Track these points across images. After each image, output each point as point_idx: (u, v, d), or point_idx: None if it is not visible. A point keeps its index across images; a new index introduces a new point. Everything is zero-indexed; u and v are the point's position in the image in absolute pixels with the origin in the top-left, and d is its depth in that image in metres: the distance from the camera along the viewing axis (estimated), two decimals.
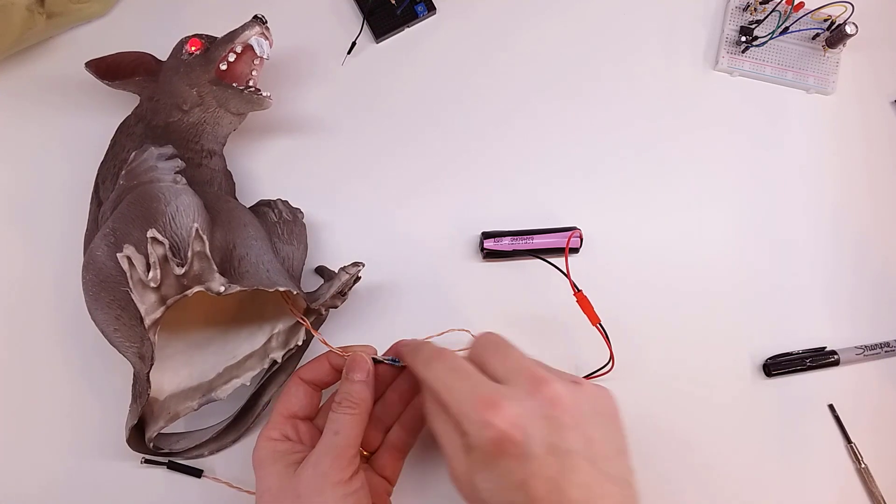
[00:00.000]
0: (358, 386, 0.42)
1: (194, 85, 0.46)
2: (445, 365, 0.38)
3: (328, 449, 0.39)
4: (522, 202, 0.54)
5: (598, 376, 0.49)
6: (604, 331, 0.48)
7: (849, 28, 0.54)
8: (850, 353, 0.52)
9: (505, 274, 0.52)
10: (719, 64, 0.56)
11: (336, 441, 0.39)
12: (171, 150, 0.44)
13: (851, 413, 0.52)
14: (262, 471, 0.40)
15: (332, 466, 0.38)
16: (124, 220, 0.40)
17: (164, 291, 0.38)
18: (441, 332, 0.46)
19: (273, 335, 0.46)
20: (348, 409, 0.40)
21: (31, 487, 0.47)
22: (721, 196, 0.55)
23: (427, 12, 0.55)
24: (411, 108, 0.54)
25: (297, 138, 0.53)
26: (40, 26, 0.49)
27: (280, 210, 0.49)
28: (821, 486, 0.51)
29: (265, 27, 0.46)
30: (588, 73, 0.56)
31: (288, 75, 0.53)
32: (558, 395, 0.35)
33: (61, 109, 0.52)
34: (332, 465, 0.38)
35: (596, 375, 0.49)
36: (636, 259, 0.53)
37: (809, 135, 0.57)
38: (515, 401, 0.35)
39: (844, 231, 0.55)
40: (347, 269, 0.45)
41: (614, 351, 0.48)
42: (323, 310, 0.46)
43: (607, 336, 0.48)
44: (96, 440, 0.47)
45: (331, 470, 0.38)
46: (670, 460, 0.50)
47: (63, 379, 0.48)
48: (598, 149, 0.55)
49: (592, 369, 0.50)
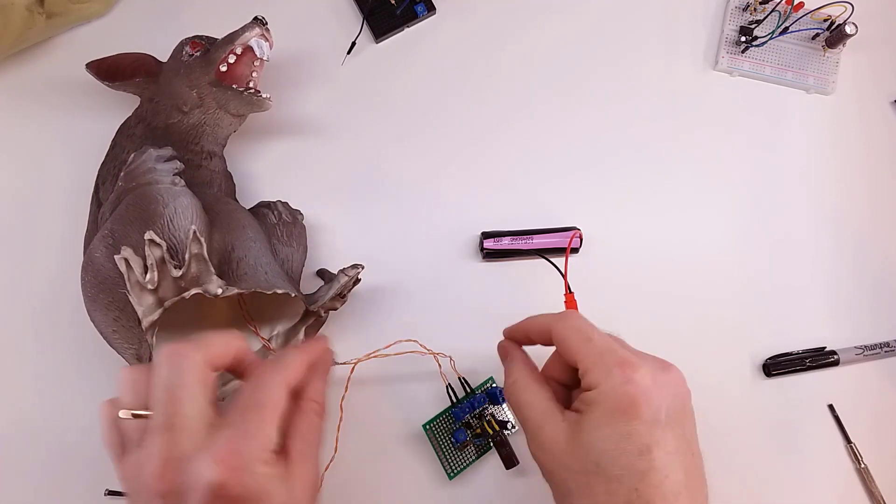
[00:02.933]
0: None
1: (194, 86, 0.46)
2: (585, 320, 0.38)
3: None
4: (522, 202, 0.54)
5: None
6: None
7: (849, 28, 0.54)
8: (849, 353, 0.52)
9: (505, 274, 0.52)
10: (719, 64, 0.56)
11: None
12: (170, 152, 0.44)
13: (851, 413, 0.52)
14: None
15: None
16: (123, 221, 0.40)
17: (162, 293, 0.39)
18: (388, 345, 0.46)
19: (272, 336, 0.46)
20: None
21: (31, 487, 0.47)
22: (721, 196, 0.55)
23: (427, 12, 0.55)
24: (411, 108, 0.55)
25: (297, 139, 0.53)
26: (40, 26, 0.49)
27: (280, 211, 0.49)
28: (821, 486, 0.51)
29: (265, 29, 0.46)
30: (588, 73, 0.56)
31: (288, 76, 0.54)
32: (679, 381, 0.36)
33: (61, 110, 0.52)
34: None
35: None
36: (636, 258, 0.53)
37: (809, 135, 0.57)
38: (651, 370, 0.35)
39: (844, 231, 0.55)
40: (347, 270, 0.45)
41: None
42: (322, 312, 0.46)
43: None
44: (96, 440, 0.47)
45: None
46: None
47: (62, 379, 0.48)
48: (598, 149, 0.55)
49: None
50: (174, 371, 0.32)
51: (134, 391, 0.33)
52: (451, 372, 0.48)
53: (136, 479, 0.31)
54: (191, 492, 0.29)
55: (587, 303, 0.48)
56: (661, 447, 0.33)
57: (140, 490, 0.31)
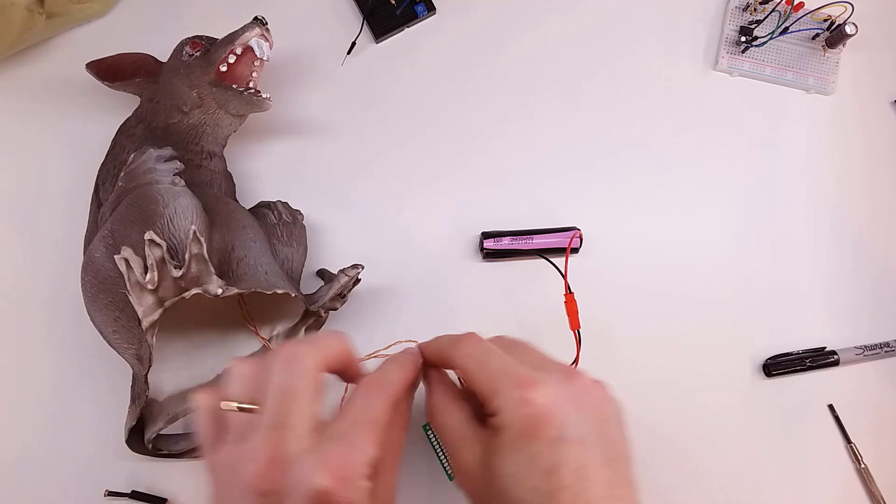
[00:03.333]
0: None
1: (194, 86, 0.46)
2: (479, 345, 0.37)
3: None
4: (522, 202, 0.54)
5: None
6: (579, 338, 0.47)
7: (849, 28, 0.54)
8: (849, 353, 0.52)
9: (505, 274, 0.52)
10: (719, 64, 0.56)
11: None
12: (170, 152, 0.44)
13: (851, 413, 0.52)
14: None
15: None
16: (123, 221, 0.40)
17: (162, 293, 0.39)
18: (388, 346, 0.46)
19: (273, 336, 0.46)
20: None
21: (31, 488, 0.47)
22: (721, 196, 0.55)
23: (427, 12, 0.55)
24: (411, 108, 0.55)
25: (298, 139, 0.53)
26: (40, 26, 0.49)
27: (280, 212, 0.49)
28: (821, 486, 0.51)
29: (265, 29, 0.46)
30: (588, 73, 0.56)
31: (288, 76, 0.54)
32: (589, 388, 0.35)
33: (61, 110, 0.52)
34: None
35: None
36: (636, 258, 0.53)
37: (809, 135, 0.57)
38: (552, 384, 0.34)
39: (844, 231, 0.55)
40: (347, 271, 0.45)
41: (613, 350, 0.48)
42: (322, 312, 0.46)
43: (580, 343, 0.47)
44: (95, 441, 0.48)
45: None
46: (670, 460, 0.50)
47: (62, 379, 0.48)
48: (598, 149, 0.55)
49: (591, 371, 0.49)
50: (290, 371, 0.33)
51: (242, 384, 0.34)
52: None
53: (231, 472, 0.31)
54: (292, 494, 0.30)
55: (587, 303, 0.48)
56: (567, 464, 0.32)
57: (234, 483, 0.31)
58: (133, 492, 0.47)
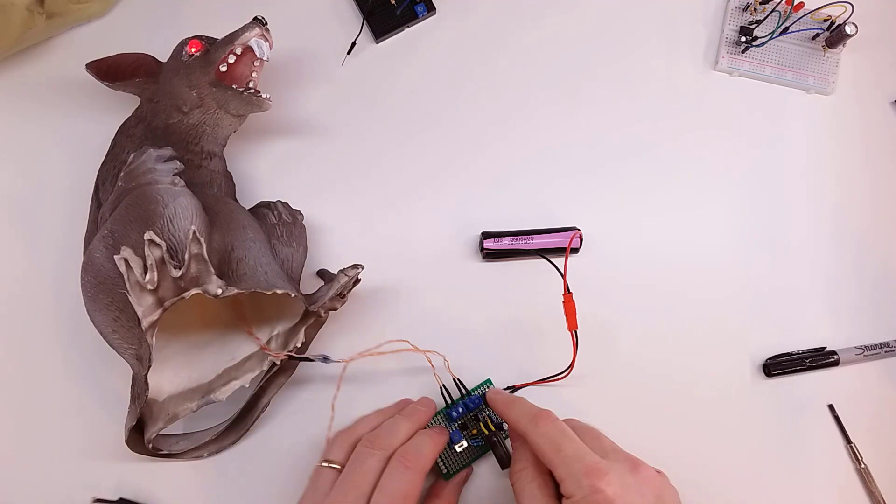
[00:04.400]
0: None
1: (194, 86, 0.46)
2: (555, 426, 0.40)
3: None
4: (522, 202, 0.54)
5: (553, 380, 0.49)
6: (576, 338, 0.47)
7: (849, 28, 0.54)
8: (850, 353, 0.52)
9: (505, 274, 0.52)
10: (719, 64, 0.56)
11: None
12: (170, 152, 0.44)
13: (851, 413, 0.52)
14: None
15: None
16: (122, 221, 0.40)
17: (162, 293, 0.39)
18: (379, 345, 0.46)
19: (272, 337, 0.46)
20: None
21: (31, 488, 0.47)
22: (721, 196, 0.55)
23: (427, 12, 0.55)
24: (411, 108, 0.54)
25: (297, 139, 0.53)
26: (40, 26, 0.49)
27: (280, 212, 0.49)
28: (821, 486, 0.51)
29: (265, 29, 0.46)
30: (588, 74, 0.56)
31: (288, 76, 0.54)
32: (652, 479, 0.39)
33: (61, 110, 0.52)
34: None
35: (552, 380, 0.49)
36: (635, 259, 0.53)
37: (809, 135, 0.57)
38: (619, 475, 0.37)
39: (844, 231, 0.55)
40: (346, 271, 0.45)
41: (613, 350, 0.49)
42: (322, 312, 0.46)
43: (577, 344, 0.47)
44: (94, 441, 0.48)
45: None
46: (670, 460, 0.50)
47: (62, 379, 0.48)
48: (598, 149, 0.55)
49: (591, 371, 0.50)
50: (395, 477, 0.40)
51: (342, 450, 0.43)
52: (446, 373, 0.48)
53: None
54: None
55: (587, 303, 0.48)
56: None
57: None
58: (121, 499, 0.46)
